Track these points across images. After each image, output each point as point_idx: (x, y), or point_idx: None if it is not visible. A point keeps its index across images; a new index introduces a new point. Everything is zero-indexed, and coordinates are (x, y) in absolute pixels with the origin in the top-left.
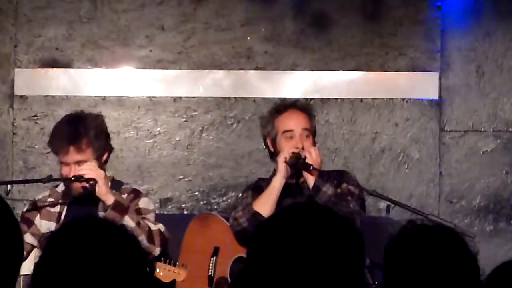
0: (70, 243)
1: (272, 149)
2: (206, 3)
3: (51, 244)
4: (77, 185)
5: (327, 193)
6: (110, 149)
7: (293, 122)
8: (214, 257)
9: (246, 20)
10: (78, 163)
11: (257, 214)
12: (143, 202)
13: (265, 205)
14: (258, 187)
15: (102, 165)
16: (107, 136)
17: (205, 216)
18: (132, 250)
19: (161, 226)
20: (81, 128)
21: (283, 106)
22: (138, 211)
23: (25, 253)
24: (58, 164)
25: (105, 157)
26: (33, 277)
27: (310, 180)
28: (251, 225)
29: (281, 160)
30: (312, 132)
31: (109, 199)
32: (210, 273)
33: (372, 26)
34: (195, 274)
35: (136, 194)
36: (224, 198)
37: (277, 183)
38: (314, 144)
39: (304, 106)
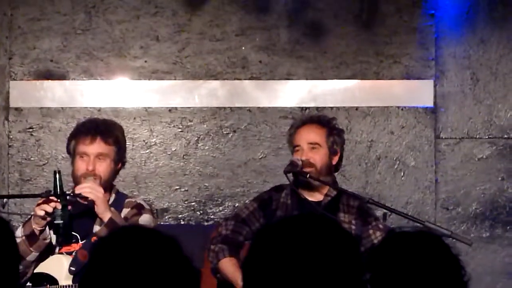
0: (117, 250)
1: None
2: (200, 13)
3: (98, 251)
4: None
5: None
6: (124, 161)
7: (301, 137)
8: None
9: (240, 29)
10: (100, 156)
11: (216, 270)
12: (143, 220)
13: (225, 276)
14: (264, 203)
15: (116, 172)
16: (125, 146)
17: None
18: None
19: None
20: (112, 125)
21: (300, 122)
22: None
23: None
24: (70, 165)
25: (120, 165)
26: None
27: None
28: (213, 270)
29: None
30: (325, 145)
31: (106, 216)
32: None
33: (366, 35)
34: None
35: (139, 210)
36: (221, 208)
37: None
38: (328, 156)
39: (320, 120)
